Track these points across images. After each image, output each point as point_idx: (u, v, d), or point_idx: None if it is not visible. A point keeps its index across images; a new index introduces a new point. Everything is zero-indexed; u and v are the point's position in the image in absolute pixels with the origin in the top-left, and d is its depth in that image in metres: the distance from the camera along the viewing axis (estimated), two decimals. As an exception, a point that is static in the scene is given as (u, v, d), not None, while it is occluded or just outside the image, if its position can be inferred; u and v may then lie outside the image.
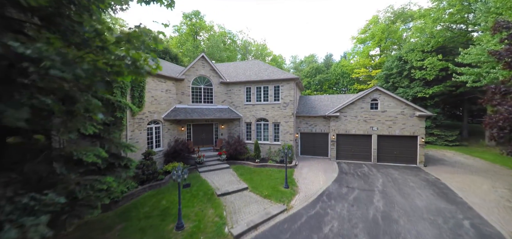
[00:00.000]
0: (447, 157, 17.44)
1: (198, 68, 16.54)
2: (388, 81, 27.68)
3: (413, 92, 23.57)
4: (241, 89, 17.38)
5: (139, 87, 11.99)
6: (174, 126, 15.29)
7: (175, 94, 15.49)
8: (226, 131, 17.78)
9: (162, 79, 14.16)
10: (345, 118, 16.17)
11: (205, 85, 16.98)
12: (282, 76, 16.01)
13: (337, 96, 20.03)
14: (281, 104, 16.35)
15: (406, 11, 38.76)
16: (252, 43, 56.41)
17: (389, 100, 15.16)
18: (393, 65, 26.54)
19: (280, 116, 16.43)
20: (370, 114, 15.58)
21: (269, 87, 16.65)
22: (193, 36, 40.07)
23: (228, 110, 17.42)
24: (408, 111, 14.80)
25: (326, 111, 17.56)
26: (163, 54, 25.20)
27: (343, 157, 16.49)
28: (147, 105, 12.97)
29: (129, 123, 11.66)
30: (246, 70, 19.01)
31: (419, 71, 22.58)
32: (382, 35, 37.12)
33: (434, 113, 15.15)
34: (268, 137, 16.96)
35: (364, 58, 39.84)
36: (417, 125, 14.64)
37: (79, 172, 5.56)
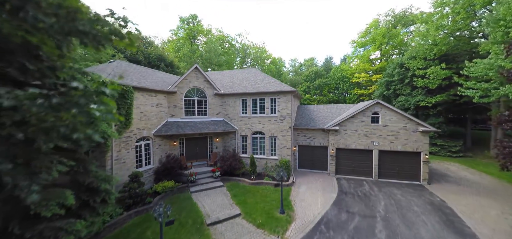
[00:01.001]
0: (451, 172, 16.72)
1: (192, 80, 15.84)
2: (389, 88, 26.97)
3: (415, 101, 22.86)
4: (236, 101, 16.68)
5: (126, 105, 11.29)
6: (165, 140, 14.59)
7: (166, 108, 14.79)
8: (221, 144, 17.08)
9: (152, 94, 13.46)
10: (345, 132, 15.47)
11: (198, 97, 16.28)
12: (279, 89, 15.31)
13: (336, 107, 19.32)
14: (278, 118, 15.65)
15: (407, 14, 38.05)
16: (251, 46, 55.75)
17: (391, 114, 14.45)
18: (394, 72, 25.84)
19: (276, 130, 15.73)
20: (371, 129, 14.88)
21: (265, 100, 15.96)
22: (190, 41, 39.38)
23: (223, 123, 16.73)
24: (411, 126, 14.09)
25: (325, 123, 16.87)
26: (158, 61, 24.51)
27: (343, 172, 15.79)
28: (136, 122, 12.28)
29: (114, 143, 10.97)
30: (242, 81, 18.31)
31: (421, 80, 21.86)
32: (382, 39, 36.41)
33: (438, 129, 14.41)
34: (265, 151, 16.27)
35: (365, 63, 39.10)
36: (421, 140, 13.93)
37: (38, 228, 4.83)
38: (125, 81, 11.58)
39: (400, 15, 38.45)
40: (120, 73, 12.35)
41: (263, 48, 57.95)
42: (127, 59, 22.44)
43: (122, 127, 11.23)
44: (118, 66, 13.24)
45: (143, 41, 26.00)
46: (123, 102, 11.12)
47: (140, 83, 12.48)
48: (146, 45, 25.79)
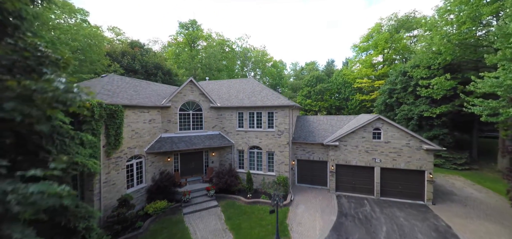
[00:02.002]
0: (457, 188, 16.00)
1: (186, 93, 15.39)
2: (392, 96, 26.24)
3: (418, 111, 22.12)
4: (233, 114, 16.19)
5: (115, 125, 10.85)
6: (159, 157, 14.15)
7: (160, 123, 14.34)
8: (217, 158, 16.59)
9: (144, 110, 13.02)
10: (345, 148, 14.87)
11: (194, 110, 15.82)
12: (276, 103, 14.78)
13: (337, 119, 18.72)
14: (276, 132, 15.12)
15: (410, 19, 37.25)
16: (252, 50, 55.30)
17: (393, 131, 13.83)
18: (397, 80, 25.12)
19: (274, 145, 15.20)
20: (372, 145, 14.26)
21: (262, 113, 15.43)
22: (190, 46, 39.02)
23: (219, 137, 16.25)
24: (414, 143, 13.44)
25: (324, 137, 16.30)
26: (155, 70, 24.13)
27: (344, 188, 15.19)
28: (127, 141, 11.84)
29: (103, 164, 10.54)
30: (239, 92, 17.81)
31: (425, 89, 21.14)
32: (385, 44, 35.64)
33: (443, 148, 13.71)
34: (262, 166, 15.74)
35: (367, 68, 38.36)
36: (425, 158, 13.28)
37: None
38: (114, 100, 11.15)
39: (403, 19, 37.69)
40: (110, 89, 11.94)
41: (264, 52, 57.51)
42: (124, 69, 22.10)
43: (111, 148, 10.80)
44: (110, 81, 12.83)
45: (140, 49, 25.66)
46: (112, 122, 10.69)
47: (131, 101, 12.04)
48: (144, 52, 25.43)
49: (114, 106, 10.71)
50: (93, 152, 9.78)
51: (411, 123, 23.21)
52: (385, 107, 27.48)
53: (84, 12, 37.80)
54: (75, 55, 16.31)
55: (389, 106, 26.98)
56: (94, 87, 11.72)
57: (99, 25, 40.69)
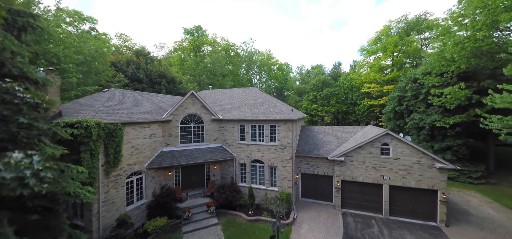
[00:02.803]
0: (473, 207, 15.00)
1: (188, 106, 15.19)
2: (402, 104, 25.19)
3: (430, 121, 21.03)
4: (234, 126, 15.86)
5: (114, 143, 10.73)
6: (160, 172, 13.99)
7: (161, 137, 14.20)
8: (218, 172, 16.30)
9: (144, 125, 12.89)
10: (351, 164, 14.22)
11: (195, 123, 15.60)
12: (278, 116, 14.32)
13: (342, 130, 18.04)
14: (278, 146, 14.66)
15: (421, 21, 35.84)
16: (257, 53, 55.01)
17: (403, 147, 13.07)
18: (407, 87, 24.06)
19: (277, 160, 14.74)
20: (380, 161, 13.55)
21: (264, 127, 15.02)
22: (195, 52, 39.14)
23: (220, 150, 15.95)
24: (426, 161, 12.64)
25: (329, 150, 15.70)
26: (159, 78, 24.19)
27: (350, 205, 14.52)
28: (126, 158, 11.72)
29: (102, 183, 10.44)
30: (241, 103, 17.47)
31: (437, 98, 20.08)
32: (394, 48, 34.43)
33: (458, 167, 12.82)
34: (264, 181, 15.31)
35: (375, 72, 37.18)
36: (437, 177, 12.47)
37: None
38: (114, 118, 11.05)
39: (414, 21, 36.33)
40: (110, 106, 11.87)
41: (269, 55, 57.14)
42: (129, 79, 22.27)
43: (110, 167, 10.69)
44: (111, 97, 12.78)
45: (145, 57, 25.86)
46: (111, 141, 10.58)
47: (131, 117, 11.93)
48: (148, 61, 25.59)
49: (113, 125, 10.59)
50: (91, 173, 9.69)
51: (422, 133, 22.16)
52: (394, 114, 26.43)
53: (93, 20, 38.54)
54: (80, 68, 16.45)
55: (398, 114, 25.92)
56: (94, 104, 11.68)
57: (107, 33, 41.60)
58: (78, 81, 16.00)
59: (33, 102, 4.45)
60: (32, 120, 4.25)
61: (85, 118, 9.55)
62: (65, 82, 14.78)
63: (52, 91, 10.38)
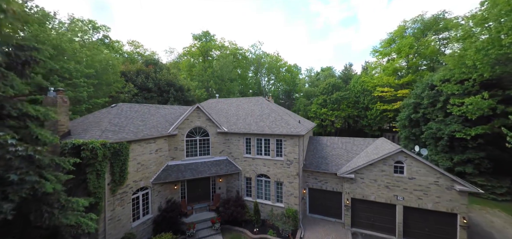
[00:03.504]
0: (497, 229, 13.79)
1: (193, 120, 15.15)
2: (418, 112, 23.83)
3: (449, 131, 19.68)
4: (240, 139, 15.63)
5: (120, 162, 10.84)
6: (166, 185, 14.05)
7: (167, 151, 14.25)
8: (224, 185, 16.15)
9: (150, 141, 12.96)
10: (362, 181, 13.53)
11: (200, 136, 15.54)
12: (285, 131, 13.90)
13: (353, 142, 17.30)
14: (284, 162, 14.25)
15: (439, 19, 33.73)
16: (266, 55, 54.60)
17: (418, 166, 12.22)
18: (424, 94, 22.71)
19: (283, 175, 14.34)
20: (394, 180, 12.77)
21: (270, 141, 14.66)
22: (203, 57, 39.41)
23: (226, 163, 15.79)
24: (444, 182, 11.74)
25: (338, 165, 15.08)
26: (167, 87, 24.49)
27: (360, 225, 13.84)
28: (132, 175, 11.82)
29: (108, 202, 10.56)
30: (247, 114, 17.20)
31: (456, 108, 18.72)
32: (409, 50, 32.73)
33: (481, 191, 11.72)
34: (270, 196, 14.97)
35: (388, 76, 35.58)
36: (457, 200, 11.53)
37: None
38: (120, 136, 11.16)
39: (431, 21, 34.28)
40: (117, 123, 12.02)
41: (277, 57, 56.56)
42: (138, 88, 22.73)
43: (116, 185, 10.80)
44: (117, 114, 12.96)
45: (154, 66, 26.33)
46: (117, 160, 10.68)
47: (137, 135, 12.01)
48: (158, 69, 26.02)
49: (119, 144, 10.69)
50: (98, 193, 9.82)
51: (440, 143, 20.81)
52: (410, 122, 25.08)
53: (106, 28, 39.98)
54: (91, 81, 16.90)
55: (414, 122, 24.56)
56: (102, 122, 11.87)
57: (119, 40, 42.88)
58: (89, 94, 16.42)
59: (26, 154, 4.40)
60: (23, 174, 4.21)
61: (91, 140, 9.68)
62: (77, 96, 15.20)
63: (61, 111, 10.63)
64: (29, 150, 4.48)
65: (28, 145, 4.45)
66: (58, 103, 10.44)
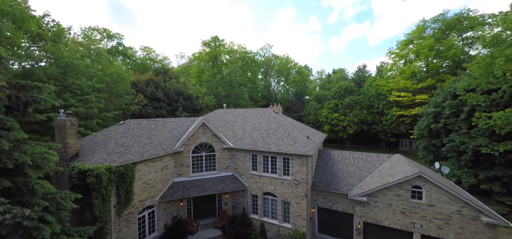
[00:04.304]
0: (531, 262, 12.36)
1: (199, 136, 15.01)
2: (438, 122, 22.17)
3: (474, 145, 18.05)
4: (246, 156, 15.29)
5: (125, 184, 10.89)
6: (172, 202, 14.06)
7: (173, 168, 14.24)
8: (230, 201, 15.93)
9: (156, 159, 12.98)
10: (375, 205, 12.69)
11: (206, 152, 15.38)
12: (292, 150, 13.35)
13: (365, 158, 16.35)
14: (292, 181, 13.72)
15: (463, 18, 31.16)
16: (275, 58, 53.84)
17: (439, 192, 11.20)
18: (446, 103, 21.05)
19: (290, 195, 13.82)
20: (411, 206, 11.82)
21: (277, 159, 14.17)
22: (213, 62, 39.52)
23: (232, 179, 15.53)
24: (469, 212, 10.65)
25: (350, 184, 14.28)
26: (176, 96, 24.69)
27: (372, 250, 13.01)
28: (138, 195, 11.88)
29: (114, 224, 10.65)
30: (254, 128, 16.80)
31: (483, 120, 17.08)
32: (429, 53, 30.62)
33: (509, 223, 10.51)
34: (277, 216, 14.51)
35: (406, 80, 33.58)
36: (483, 232, 10.42)
37: None
38: (126, 158, 11.21)
39: (453, 20, 31.75)
40: (123, 144, 12.11)
41: (287, 59, 55.57)
42: (148, 98, 23.11)
43: (122, 207, 10.88)
44: (125, 132, 13.09)
45: (164, 75, 26.69)
46: (122, 182, 10.74)
47: (142, 155, 12.04)
48: (167, 78, 26.34)
49: (124, 167, 10.73)
50: (103, 217, 9.91)
51: (463, 158, 19.19)
52: (429, 132, 23.43)
53: (120, 36, 41.17)
54: (102, 95, 17.31)
55: (434, 133, 22.91)
56: (109, 143, 12.00)
57: (132, 46, 44.02)
58: (100, 108, 16.81)
59: (14, 223, 4.30)
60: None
61: (96, 165, 9.76)
62: (88, 111, 15.59)
63: (70, 133, 10.86)
64: (18, 217, 4.39)
65: (17, 211, 4.35)
66: (67, 126, 10.67)
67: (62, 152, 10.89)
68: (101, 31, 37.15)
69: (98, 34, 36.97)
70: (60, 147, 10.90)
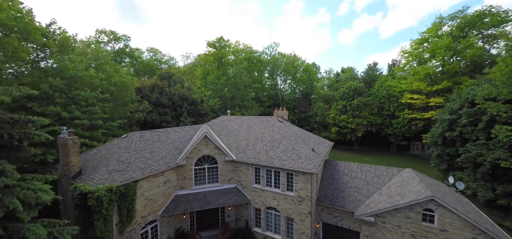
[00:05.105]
0: None
1: (201, 148, 14.83)
2: (454, 130, 20.93)
3: (492, 158, 16.90)
4: (249, 169, 15.00)
5: (127, 202, 10.89)
6: (174, 215, 14.06)
7: (175, 181, 14.19)
8: (233, 213, 15.78)
9: (158, 174, 12.92)
10: (383, 226, 12.10)
11: (209, 164, 15.22)
12: (295, 167, 12.91)
13: (374, 172, 15.65)
14: (295, 198, 13.33)
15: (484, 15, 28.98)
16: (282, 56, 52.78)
17: (452, 218, 10.47)
18: (462, 112, 19.77)
19: (293, 212, 13.47)
20: (421, 230, 11.16)
21: (280, 174, 13.80)
22: (217, 63, 39.20)
23: (235, 191, 15.33)
24: (486, 240, 9.91)
25: (356, 201, 13.73)
26: (180, 101, 24.62)
27: (379, 271, 12.50)
28: (140, 211, 11.89)
29: (116, 243, 10.71)
30: (257, 139, 16.43)
31: (504, 133, 15.87)
32: (446, 53, 28.84)
33: None
34: (280, 231, 14.23)
35: (419, 81, 31.94)
36: (502, 264, 9.67)
37: None
38: (127, 175, 11.18)
39: (474, 17, 29.55)
40: (125, 160, 12.09)
41: (294, 57, 54.37)
42: (153, 105, 23.20)
43: (124, 225, 10.91)
44: (128, 146, 13.07)
45: (169, 79, 26.67)
46: (124, 201, 10.74)
47: (144, 172, 11.99)
48: (172, 83, 26.31)
49: (124, 186, 10.71)
50: (105, 238, 9.96)
51: (480, 170, 18.07)
52: (443, 141, 22.21)
53: (127, 38, 41.44)
54: (107, 104, 17.43)
55: (448, 141, 21.69)
56: (110, 160, 11.99)
57: (139, 48, 44.33)
58: (104, 119, 16.94)
59: None
60: None
61: (97, 187, 9.76)
62: (93, 123, 15.73)
63: (72, 152, 10.92)
64: None
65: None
66: (69, 145, 10.71)
67: (65, 170, 11.00)
68: (108, 34, 37.60)
69: (105, 36, 37.46)
70: (64, 165, 11.04)
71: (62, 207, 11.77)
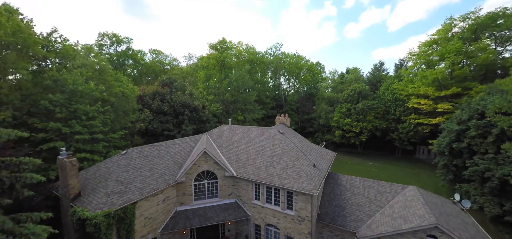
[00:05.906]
0: None
1: (201, 164, 14.72)
2: (462, 141, 20.26)
3: (501, 173, 16.29)
4: (249, 184, 14.86)
5: (126, 225, 10.90)
6: (174, 232, 14.09)
7: (175, 198, 14.17)
8: (233, 227, 15.76)
9: (158, 193, 12.90)
10: (384, 249, 11.83)
11: (209, 180, 15.13)
12: (295, 187, 12.66)
13: (377, 187, 15.28)
14: (295, 217, 13.15)
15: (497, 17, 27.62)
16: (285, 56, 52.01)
17: (458, 247, 10.11)
18: (471, 123, 19.04)
19: (294, 231, 13.31)
20: (424, 256, 10.86)
21: (280, 192, 13.60)
22: (220, 67, 38.87)
23: (235, 206, 15.25)
24: (493, 273, 9.53)
25: (358, 220, 13.47)
26: (182, 108, 24.52)
27: None
28: (139, 231, 11.93)
29: (115, 265, 10.78)
30: (258, 154, 16.20)
31: (515, 148, 15.19)
32: (456, 58, 27.74)
33: None
34: (280, 248, 14.12)
35: (427, 86, 30.94)
36: None
37: None
38: (125, 199, 11.15)
39: (486, 18, 28.19)
40: (124, 180, 12.07)
41: (298, 56, 53.50)
42: (154, 113, 23.16)
43: (123, 246, 10.96)
44: (126, 165, 13.03)
45: (170, 85, 26.55)
46: (122, 224, 10.76)
47: (142, 192, 11.97)
48: (173, 89, 26.20)
49: (123, 210, 10.70)
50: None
51: (487, 184, 17.48)
52: (450, 151, 21.54)
53: (129, 40, 41.38)
54: (108, 116, 17.45)
55: (455, 152, 21.03)
56: (109, 181, 11.96)
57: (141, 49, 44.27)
58: (105, 131, 16.98)
59: None
60: None
61: (95, 213, 9.76)
62: (93, 137, 15.79)
63: (72, 174, 10.94)
64: None
65: None
66: (67, 167, 10.73)
67: (65, 191, 11.06)
68: (110, 37, 37.61)
69: (107, 39, 37.49)
70: (63, 186, 11.09)
71: (65, 228, 11.90)
